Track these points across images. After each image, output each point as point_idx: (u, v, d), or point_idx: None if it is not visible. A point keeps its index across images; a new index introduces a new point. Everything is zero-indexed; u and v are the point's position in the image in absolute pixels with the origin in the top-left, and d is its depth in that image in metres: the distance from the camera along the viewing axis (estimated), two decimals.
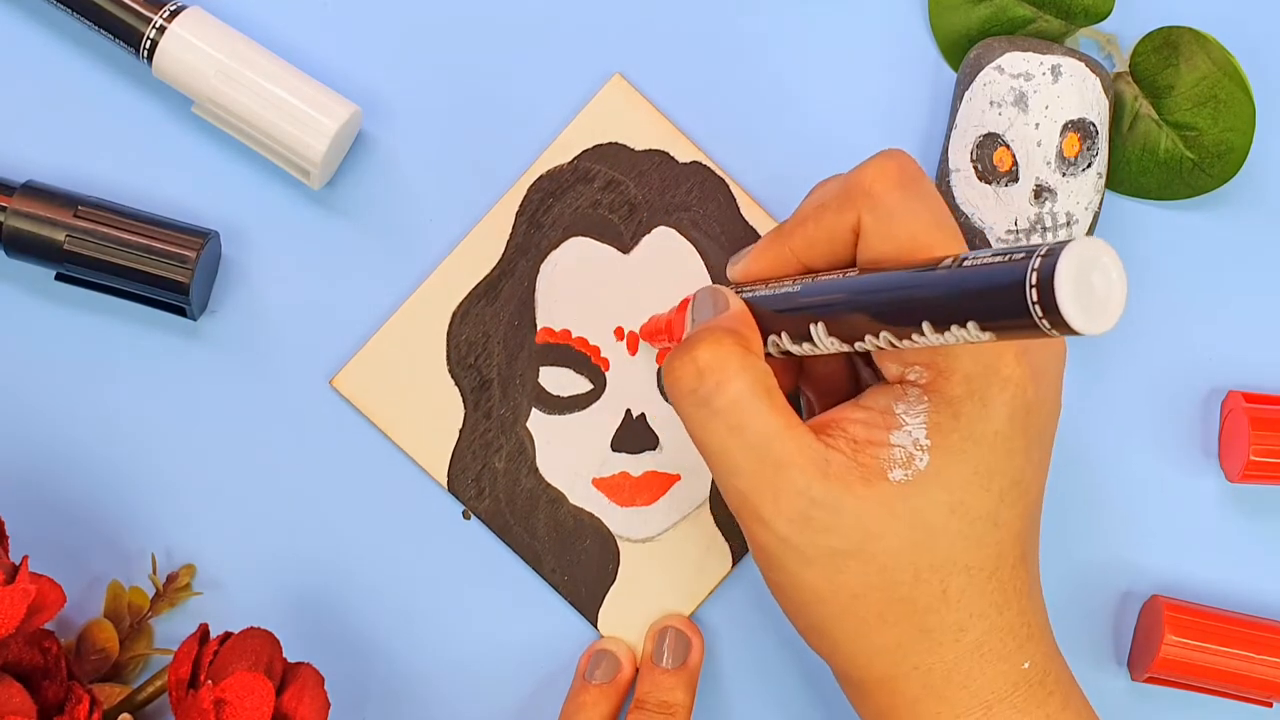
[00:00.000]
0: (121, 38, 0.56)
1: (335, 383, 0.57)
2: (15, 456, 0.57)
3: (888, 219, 0.47)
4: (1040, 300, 0.39)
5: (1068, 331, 0.39)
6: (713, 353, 0.47)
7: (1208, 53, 0.57)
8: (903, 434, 0.47)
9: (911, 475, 0.46)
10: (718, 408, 0.47)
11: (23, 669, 0.50)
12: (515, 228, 0.58)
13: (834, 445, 0.47)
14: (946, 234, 0.47)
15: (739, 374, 0.47)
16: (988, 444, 0.47)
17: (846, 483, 0.46)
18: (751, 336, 0.48)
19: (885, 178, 0.47)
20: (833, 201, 0.48)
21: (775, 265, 0.50)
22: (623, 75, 0.58)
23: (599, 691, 0.56)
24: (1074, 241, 0.39)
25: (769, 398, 0.47)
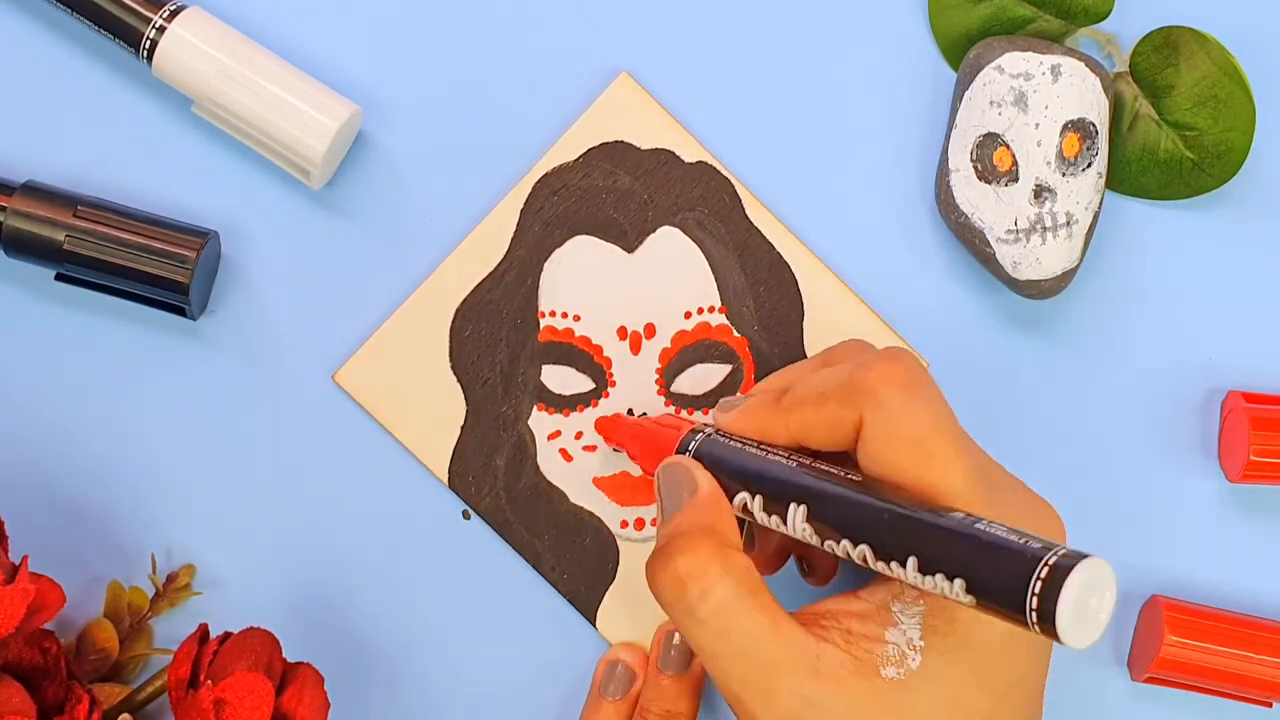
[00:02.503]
0: (121, 38, 0.56)
1: (338, 377, 0.57)
2: (15, 456, 0.57)
3: (891, 422, 0.47)
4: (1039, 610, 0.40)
5: (1051, 637, 0.40)
6: (691, 561, 0.47)
7: (1208, 52, 0.57)
8: (897, 632, 0.47)
9: (903, 674, 0.46)
10: (702, 616, 0.47)
11: (23, 669, 0.50)
12: (520, 225, 0.58)
13: (827, 638, 0.47)
14: (947, 440, 0.47)
15: (720, 580, 0.47)
16: (985, 647, 0.47)
17: (839, 679, 0.46)
18: (728, 528, 0.49)
19: (890, 381, 0.48)
20: (835, 394, 0.48)
21: (766, 432, 0.50)
22: (630, 74, 0.58)
23: (614, 708, 0.56)
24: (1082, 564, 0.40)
25: (753, 598, 0.47)
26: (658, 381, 0.58)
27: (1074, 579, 0.39)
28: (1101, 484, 0.58)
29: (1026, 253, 0.56)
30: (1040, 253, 0.56)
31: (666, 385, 0.58)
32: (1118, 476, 0.58)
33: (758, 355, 0.58)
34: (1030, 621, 0.40)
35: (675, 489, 0.50)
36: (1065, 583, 0.39)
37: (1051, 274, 0.56)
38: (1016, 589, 0.40)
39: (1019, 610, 0.40)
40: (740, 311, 0.58)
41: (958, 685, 0.47)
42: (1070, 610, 0.39)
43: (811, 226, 0.58)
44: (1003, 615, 0.41)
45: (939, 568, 0.43)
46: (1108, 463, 0.58)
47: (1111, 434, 0.58)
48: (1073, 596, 0.39)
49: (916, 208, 0.59)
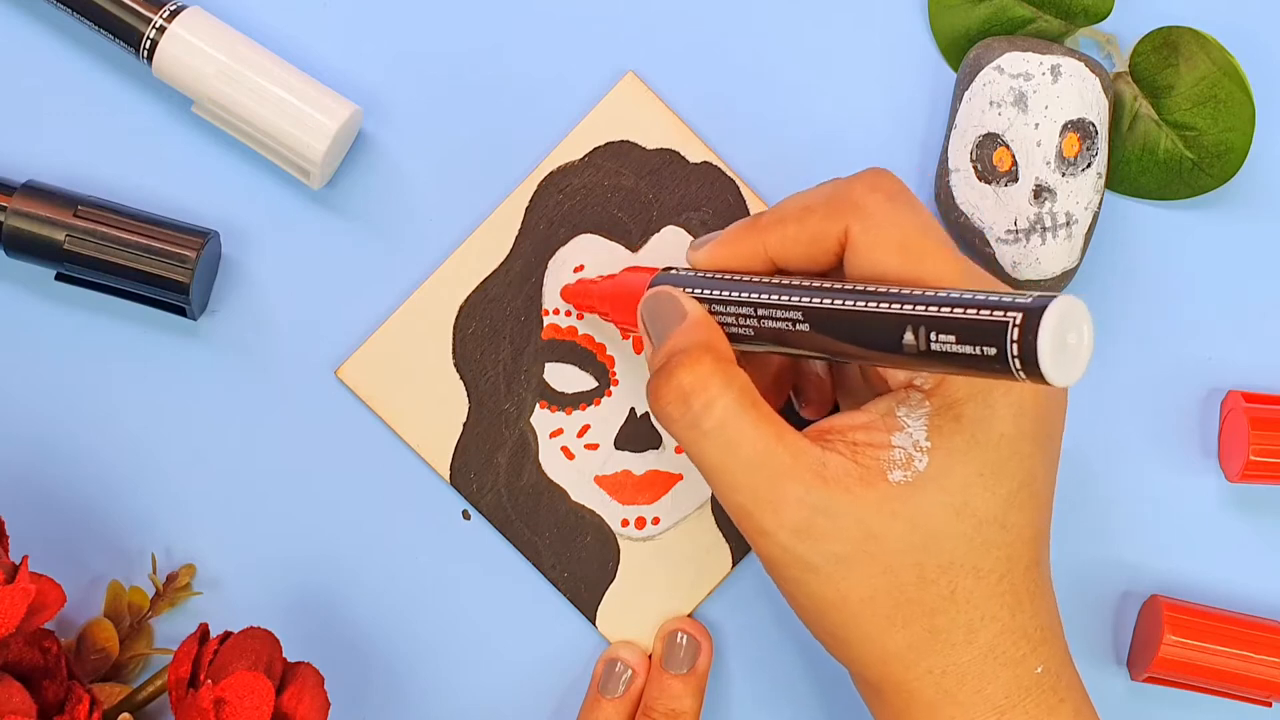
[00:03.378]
0: (121, 38, 0.56)
1: (341, 372, 0.57)
2: (15, 456, 0.57)
3: (879, 228, 0.47)
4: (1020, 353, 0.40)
5: (1036, 378, 0.40)
6: (693, 375, 0.47)
7: (1207, 53, 0.57)
8: (903, 436, 0.47)
9: (911, 476, 0.46)
10: (707, 429, 0.47)
11: (23, 669, 0.50)
12: (525, 223, 0.58)
13: (832, 448, 0.47)
14: (934, 240, 0.47)
15: (723, 392, 0.47)
16: (992, 446, 0.47)
17: (845, 485, 0.46)
18: (722, 345, 0.49)
19: (874, 191, 0.48)
20: (820, 208, 0.48)
21: (743, 258, 0.50)
22: (635, 74, 0.58)
23: (612, 706, 0.56)
24: (1055, 301, 0.40)
25: (755, 409, 0.47)
26: None
27: (1049, 315, 0.40)
28: (1101, 483, 0.58)
29: (1026, 253, 0.56)
30: (1040, 253, 0.56)
31: None
32: (1118, 476, 0.58)
33: None
34: (1014, 367, 0.40)
35: (663, 318, 0.50)
36: (1041, 320, 0.40)
37: (1051, 274, 0.56)
38: (997, 334, 0.40)
39: (1003, 360, 0.40)
40: None
41: (965, 486, 0.46)
42: (1049, 346, 0.39)
43: None
44: (991, 371, 0.41)
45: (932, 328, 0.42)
46: (1108, 462, 0.58)
47: (1111, 433, 0.59)
48: (1050, 331, 0.39)
49: None
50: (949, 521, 0.47)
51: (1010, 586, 0.47)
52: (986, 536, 0.47)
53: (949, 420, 0.47)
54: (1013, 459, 0.47)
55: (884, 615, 0.47)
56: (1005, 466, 0.47)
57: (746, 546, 0.58)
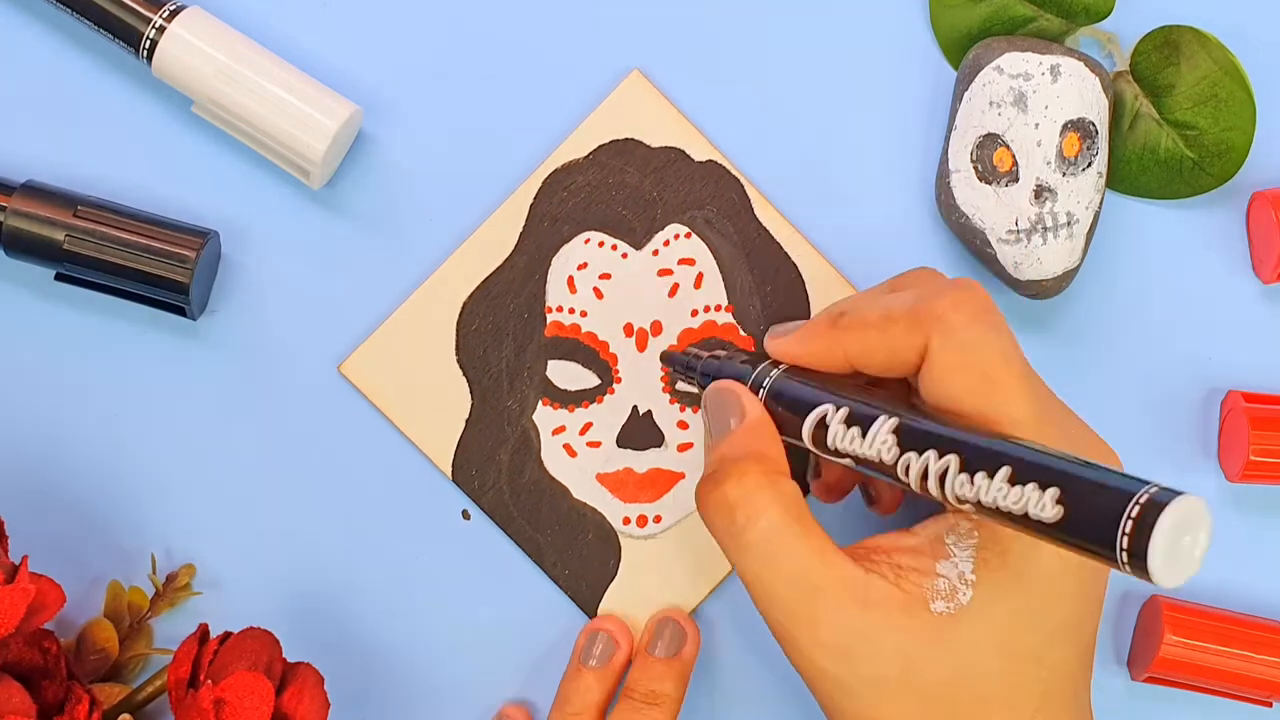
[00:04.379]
0: (121, 37, 0.56)
1: (344, 368, 0.57)
2: (15, 456, 0.57)
3: (959, 349, 0.47)
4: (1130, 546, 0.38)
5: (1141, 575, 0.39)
6: (740, 487, 0.47)
7: (1208, 52, 0.57)
8: (949, 565, 0.46)
9: (954, 608, 0.46)
10: (750, 541, 0.47)
11: (23, 669, 0.50)
12: (529, 220, 0.58)
13: (876, 570, 0.47)
14: (1015, 372, 0.46)
15: (769, 507, 0.47)
16: (1035, 583, 0.46)
17: (886, 611, 0.46)
18: (776, 455, 0.48)
19: (960, 308, 0.47)
20: (902, 318, 0.48)
21: (822, 357, 0.50)
22: (641, 72, 0.58)
23: (594, 676, 0.56)
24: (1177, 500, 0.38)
25: (801, 525, 0.47)
26: (663, 379, 0.58)
27: (1168, 515, 0.38)
28: None
29: (1027, 253, 0.56)
30: (1041, 253, 0.56)
31: (672, 383, 0.58)
32: None
33: None
34: (1120, 559, 0.39)
35: (722, 413, 0.50)
36: (1160, 518, 0.38)
37: (1052, 274, 0.56)
38: (1109, 514, 0.39)
39: (1107, 541, 0.39)
40: (747, 311, 0.58)
41: (1008, 623, 0.46)
42: (1163, 547, 0.38)
43: (815, 226, 0.58)
44: (1085, 548, 0.40)
45: (1032, 478, 0.41)
46: None
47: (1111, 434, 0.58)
48: (1166, 532, 0.38)
49: (917, 208, 0.59)
50: (987, 657, 0.46)
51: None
52: (1023, 672, 0.46)
53: (995, 554, 0.46)
54: (1055, 597, 0.46)
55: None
56: (1047, 604, 0.46)
57: None
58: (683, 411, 0.58)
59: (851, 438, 0.47)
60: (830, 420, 0.48)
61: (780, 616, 0.47)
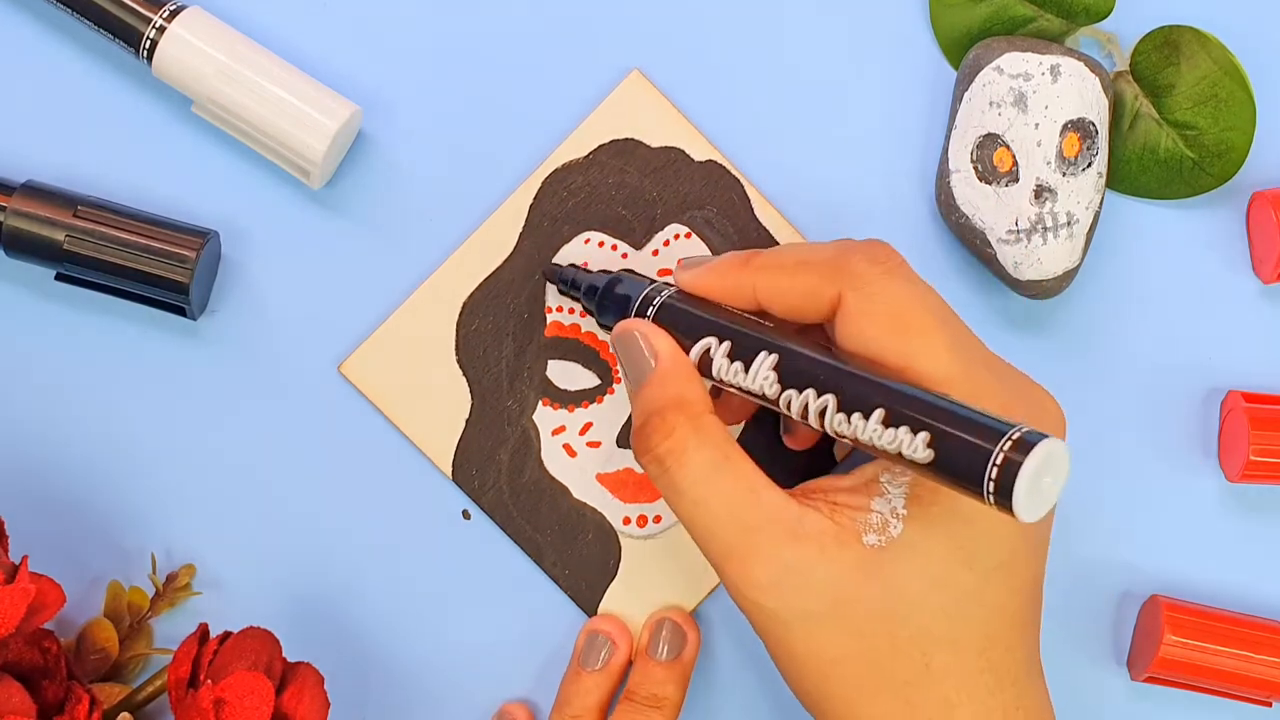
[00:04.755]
0: (121, 37, 0.56)
1: (344, 368, 0.57)
2: (15, 456, 0.57)
3: (871, 298, 0.48)
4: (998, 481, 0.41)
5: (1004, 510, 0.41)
6: (668, 440, 0.48)
7: (1208, 52, 0.57)
8: (882, 501, 0.47)
9: (884, 541, 0.47)
10: (683, 488, 0.48)
11: (23, 669, 0.50)
12: (529, 220, 0.58)
13: (812, 505, 0.48)
14: (930, 315, 0.47)
15: (696, 450, 0.48)
16: (968, 522, 0.47)
17: (820, 544, 0.47)
18: (697, 395, 0.49)
19: (875, 262, 0.48)
20: (818, 267, 0.49)
21: (729, 293, 0.51)
22: (641, 71, 0.58)
23: (593, 679, 0.56)
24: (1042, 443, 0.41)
25: (729, 465, 0.48)
26: None
27: (1036, 454, 0.41)
28: (1101, 484, 0.58)
29: (1028, 253, 0.56)
30: (1041, 253, 0.56)
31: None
32: (1118, 476, 0.58)
33: None
34: (986, 491, 0.41)
35: (635, 356, 0.51)
36: (1027, 457, 0.41)
37: (1053, 274, 0.56)
38: (977, 454, 0.42)
39: (975, 478, 0.42)
40: None
41: (941, 558, 0.47)
42: (1027, 485, 0.41)
43: (815, 226, 0.58)
44: (957, 482, 0.42)
45: (903, 421, 0.43)
46: (1108, 462, 0.58)
47: (1111, 434, 0.59)
48: (1032, 471, 0.41)
49: (917, 208, 0.59)
50: (924, 592, 0.47)
51: (990, 665, 0.47)
52: (963, 611, 0.47)
53: (928, 490, 0.47)
54: (990, 536, 0.47)
55: (854, 681, 0.47)
56: (982, 543, 0.47)
57: None
58: None
59: (735, 371, 0.48)
60: (714, 353, 0.49)
61: (716, 555, 0.48)
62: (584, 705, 0.56)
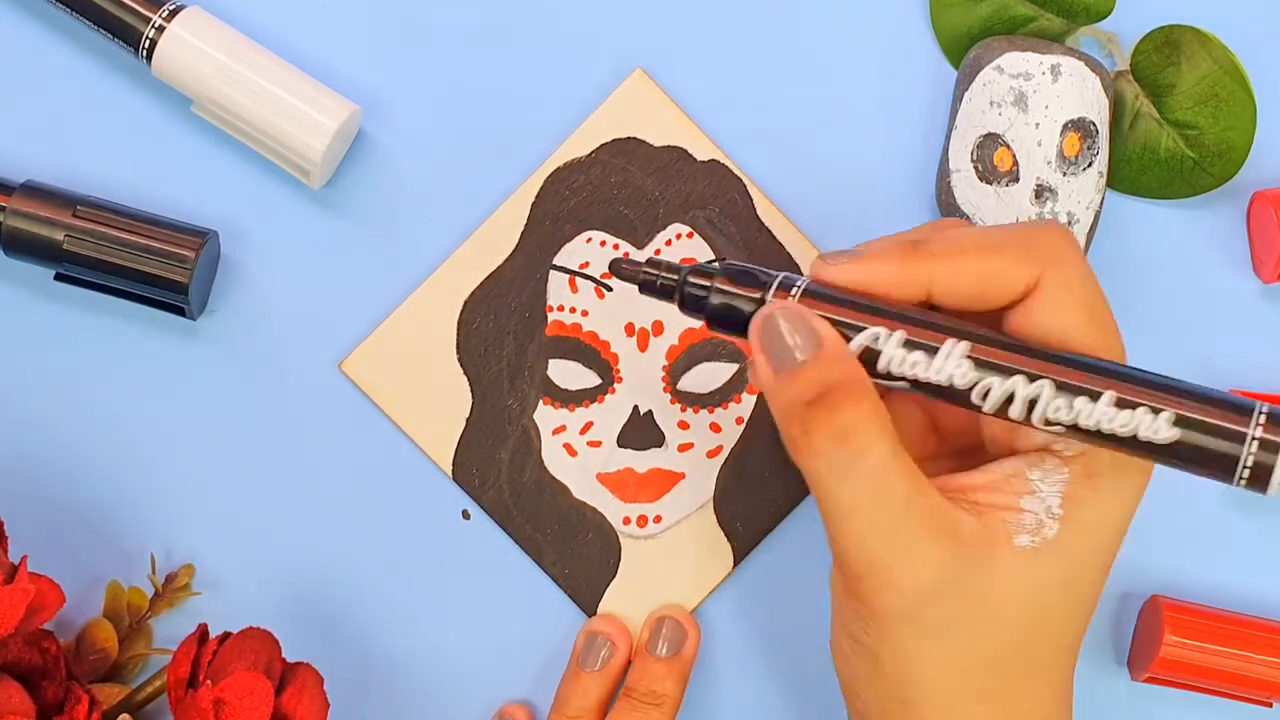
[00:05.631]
0: (121, 37, 0.56)
1: (344, 366, 0.57)
2: (15, 456, 0.57)
3: (1072, 284, 0.45)
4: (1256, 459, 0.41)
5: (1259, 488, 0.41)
6: (857, 413, 0.45)
7: (1209, 51, 0.57)
8: (1034, 500, 0.46)
9: (1038, 543, 0.45)
10: (861, 471, 0.45)
11: (22, 669, 0.50)
12: (530, 219, 0.58)
13: (961, 508, 0.46)
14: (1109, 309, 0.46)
15: (879, 438, 0.45)
16: (1113, 523, 0.46)
17: (974, 549, 0.45)
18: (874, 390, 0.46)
19: (1072, 246, 0.46)
20: (1008, 248, 0.46)
21: (899, 285, 0.46)
22: (644, 70, 0.58)
23: (591, 679, 0.56)
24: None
25: (905, 461, 0.45)
26: (664, 379, 0.58)
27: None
28: None
29: None
30: None
31: (673, 383, 0.58)
32: None
33: None
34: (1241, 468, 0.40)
35: (788, 338, 0.46)
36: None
37: None
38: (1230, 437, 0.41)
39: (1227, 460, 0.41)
40: None
41: (1077, 562, 0.46)
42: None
43: (816, 226, 0.58)
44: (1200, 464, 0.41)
45: (1141, 401, 0.42)
46: None
47: None
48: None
49: (917, 208, 0.59)
50: (1056, 594, 0.46)
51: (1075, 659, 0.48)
52: (1081, 612, 0.47)
53: (1087, 490, 0.45)
54: (1119, 539, 0.47)
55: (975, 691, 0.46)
56: (1115, 545, 0.47)
57: (748, 546, 0.58)
58: (684, 411, 0.58)
59: (913, 362, 0.45)
60: (883, 344, 0.45)
61: (879, 549, 0.45)
62: (582, 705, 0.56)
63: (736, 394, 0.58)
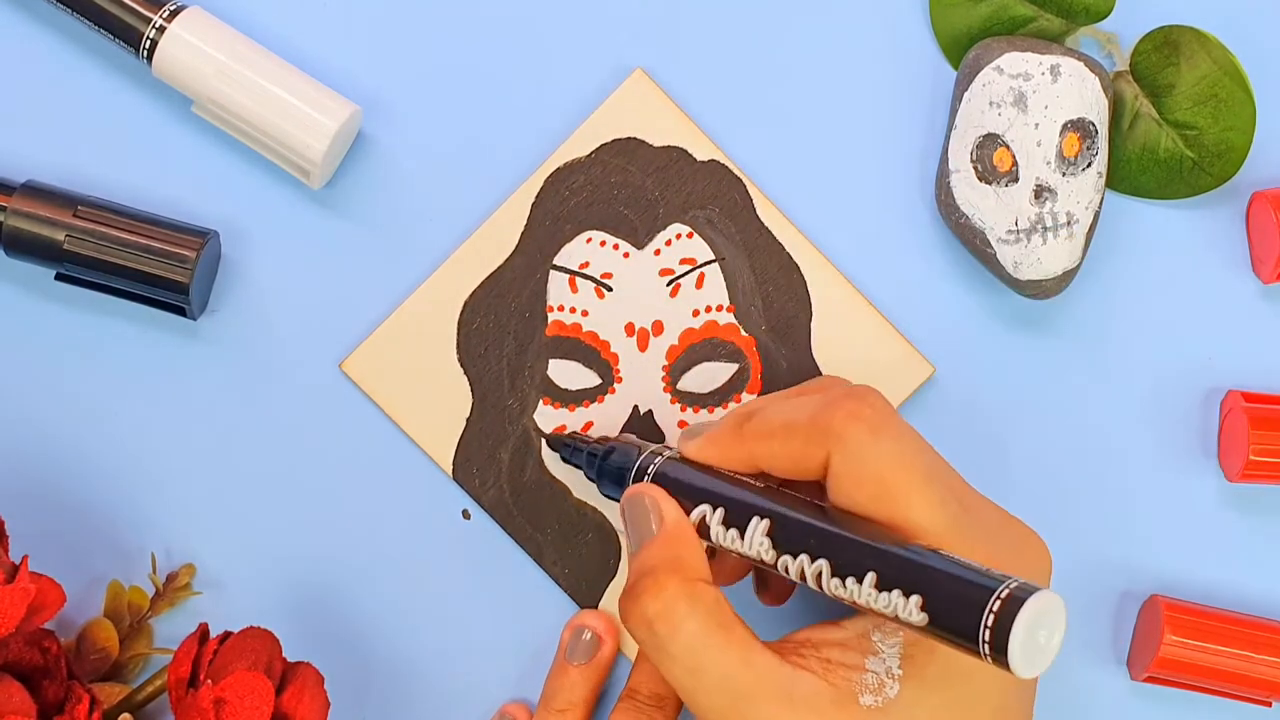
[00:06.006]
0: (121, 37, 0.56)
1: (345, 366, 0.57)
2: (15, 456, 0.57)
3: (855, 460, 0.47)
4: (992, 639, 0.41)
5: (1001, 665, 0.41)
6: (657, 601, 0.48)
7: (1208, 52, 0.57)
8: (877, 661, 0.47)
9: (881, 702, 0.46)
10: (674, 653, 0.47)
11: (23, 668, 0.50)
12: (530, 219, 0.58)
13: (805, 666, 0.47)
14: (916, 476, 0.47)
15: (688, 617, 0.47)
16: (962, 678, 0.47)
17: (816, 707, 0.46)
18: (694, 560, 0.49)
19: (856, 419, 0.48)
20: (803, 432, 0.49)
21: (731, 461, 0.51)
22: (644, 70, 0.58)
23: (579, 673, 0.56)
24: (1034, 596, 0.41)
25: (723, 632, 0.47)
26: (664, 379, 0.58)
27: (1026, 611, 0.41)
28: (1102, 483, 0.58)
29: (1027, 253, 0.56)
30: (1041, 253, 0.56)
31: (673, 383, 0.58)
32: (1118, 476, 0.58)
33: (765, 354, 0.58)
34: (982, 650, 0.41)
35: (642, 520, 0.50)
36: (1018, 614, 0.41)
37: (1052, 274, 0.56)
38: (970, 614, 0.42)
39: (970, 637, 0.42)
40: (748, 311, 0.58)
41: (938, 714, 0.47)
42: (1021, 641, 0.41)
43: (815, 226, 0.58)
44: (954, 641, 0.42)
45: (896, 584, 0.44)
46: (1108, 462, 0.58)
47: (1112, 434, 0.59)
48: (1024, 628, 0.41)
49: (917, 208, 0.59)
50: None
51: None
52: None
53: (922, 651, 0.47)
54: (983, 690, 0.47)
55: None
56: (975, 697, 0.47)
57: None
58: (684, 411, 0.58)
59: (731, 538, 0.49)
60: (710, 521, 0.49)
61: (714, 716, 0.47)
62: (569, 700, 0.56)
63: (736, 394, 0.58)
